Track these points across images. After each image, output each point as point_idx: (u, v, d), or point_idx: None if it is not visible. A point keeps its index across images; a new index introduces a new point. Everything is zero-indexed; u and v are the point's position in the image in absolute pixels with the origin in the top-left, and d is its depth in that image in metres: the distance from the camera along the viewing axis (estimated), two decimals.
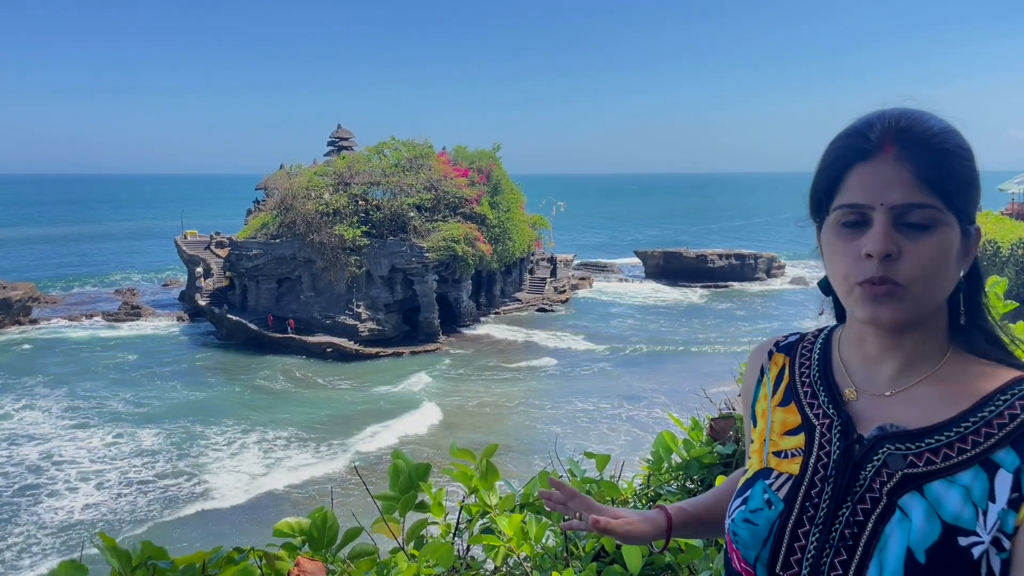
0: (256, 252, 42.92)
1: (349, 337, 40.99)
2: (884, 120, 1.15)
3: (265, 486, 24.22)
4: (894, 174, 1.11)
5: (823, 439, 1.22)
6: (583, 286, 59.06)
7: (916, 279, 1.10)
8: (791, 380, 1.34)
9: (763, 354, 1.42)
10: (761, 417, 1.35)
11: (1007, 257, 27.48)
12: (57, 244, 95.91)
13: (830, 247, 1.18)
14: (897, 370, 1.21)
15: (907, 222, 1.10)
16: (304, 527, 1.92)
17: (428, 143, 47.44)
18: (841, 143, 1.18)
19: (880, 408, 1.20)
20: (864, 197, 1.12)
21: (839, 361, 1.30)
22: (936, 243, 1.10)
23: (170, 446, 27.60)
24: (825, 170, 1.19)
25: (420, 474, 2.01)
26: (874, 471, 1.14)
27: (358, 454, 26.78)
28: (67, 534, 20.97)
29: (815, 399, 1.27)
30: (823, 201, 1.20)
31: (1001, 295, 3.21)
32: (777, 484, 1.23)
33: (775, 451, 1.28)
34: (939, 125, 1.14)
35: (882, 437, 1.16)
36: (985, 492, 1.07)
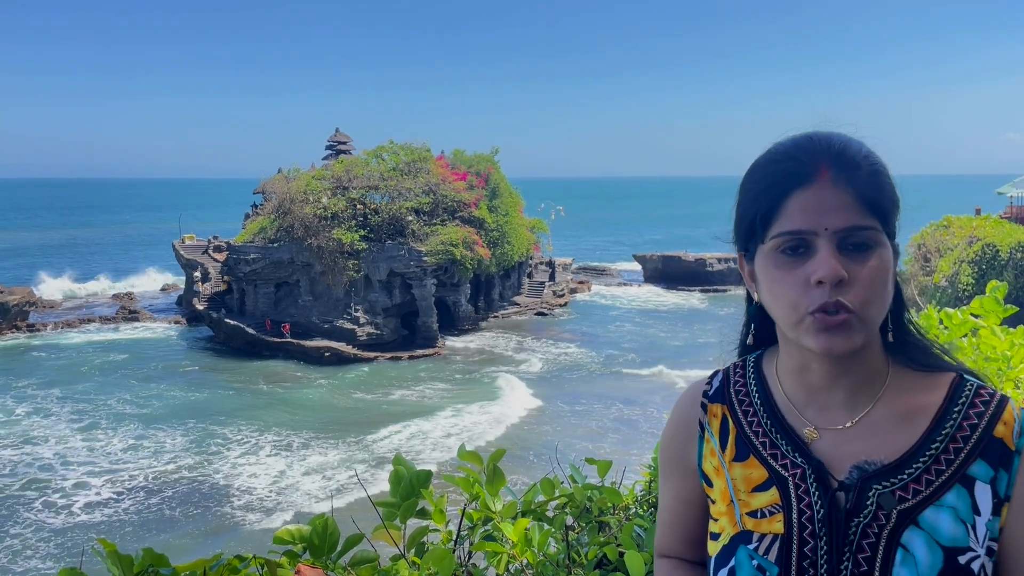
0: (254, 256, 42.90)
1: (347, 341, 40.96)
2: (816, 144, 1.13)
3: (267, 487, 24.19)
4: (835, 198, 1.09)
5: (799, 491, 1.15)
6: (581, 290, 59.08)
7: (865, 302, 1.08)
8: (739, 431, 1.25)
9: (694, 408, 1.33)
10: (716, 476, 1.26)
11: (1006, 261, 27.51)
12: (54, 248, 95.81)
13: (769, 276, 1.14)
14: (848, 397, 1.18)
15: (849, 246, 1.09)
16: (305, 534, 1.92)
17: (426, 147, 47.47)
18: (771, 168, 1.15)
19: (845, 443, 1.16)
20: (806, 223, 1.09)
21: (783, 397, 1.24)
22: (878, 264, 1.10)
23: (173, 449, 27.55)
24: (760, 197, 1.14)
25: (421, 480, 2.00)
26: (870, 516, 1.10)
27: (360, 458, 26.73)
28: (70, 538, 20.90)
29: (776, 448, 1.20)
30: (757, 228, 1.15)
31: (1001, 300, 3.21)
32: (763, 547, 1.16)
33: (748, 511, 1.19)
34: (864, 148, 1.14)
35: (866, 478, 1.12)
36: (969, 507, 1.09)
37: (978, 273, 27.21)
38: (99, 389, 34.50)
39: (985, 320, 3.11)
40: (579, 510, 2.16)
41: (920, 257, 31.46)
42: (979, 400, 1.14)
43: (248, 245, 43.63)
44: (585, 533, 2.12)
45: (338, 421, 30.62)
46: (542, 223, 54.59)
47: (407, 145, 47.01)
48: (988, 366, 2.89)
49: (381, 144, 47.37)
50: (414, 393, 34.65)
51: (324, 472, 25.53)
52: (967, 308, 3.20)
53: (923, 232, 32.34)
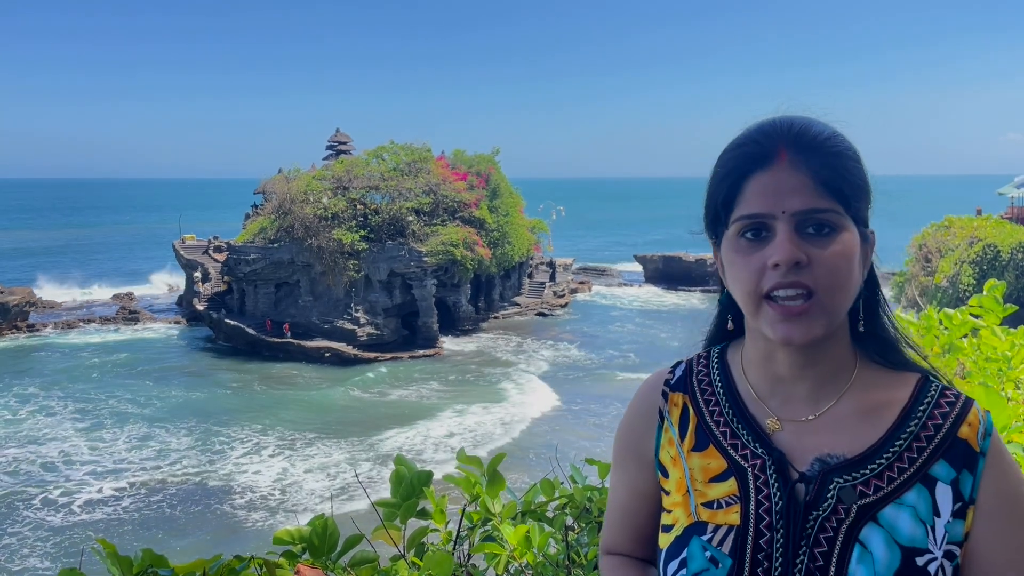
0: (254, 256, 42.90)
1: (348, 342, 40.96)
2: (776, 127, 1.12)
3: (269, 487, 24.19)
4: (793, 180, 1.08)
5: (758, 482, 1.13)
6: (582, 290, 59.08)
7: (826, 287, 1.06)
8: (700, 420, 1.23)
9: (655, 396, 1.30)
10: (672, 466, 1.23)
11: (1007, 261, 27.50)
12: (54, 249, 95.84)
13: (730, 262, 1.13)
14: (813, 389, 1.16)
15: (809, 229, 1.07)
16: (304, 534, 1.92)
17: (427, 147, 47.47)
18: (734, 153, 1.14)
19: (808, 436, 1.15)
20: (764, 206, 1.08)
21: (748, 388, 1.22)
22: (840, 248, 1.07)
23: (174, 449, 27.56)
24: (721, 182, 1.14)
25: (422, 481, 2.00)
26: (829, 509, 1.08)
27: (361, 458, 26.73)
28: (68, 536, 20.90)
29: (736, 438, 1.18)
30: (720, 214, 1.15)
31: (1000, 298, 3.21)
32: (717, 539, 1.13)
33: (704, 502, 1.17)
34: (828, 129, 1.13)
35: (827, 471, 1.10)
36: (929, 508, 1.08)
37: (979, 274, 27.20)
38: (100, 389, 34.51)
39: (985, 319, 3.11)
40: (579, 511, 2.16)
41: (921, 257, 31.45)
42: (944, 400, 1.13)
43: (248, 245, 43.63)
44: (585, 534, 2.12)
45: (339, 421, 30.62)
46: (543, 223, 54.58)
47: (407, 145, 47.01)
48: (988, 366, 2.89)
49: (381, 144, 47.38)
50: (414, 393, 34.65)
51: (325, 472, 25.53)
52: (967, 308, 3.20)
53: (924, 232, 32.34)
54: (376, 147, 47.33)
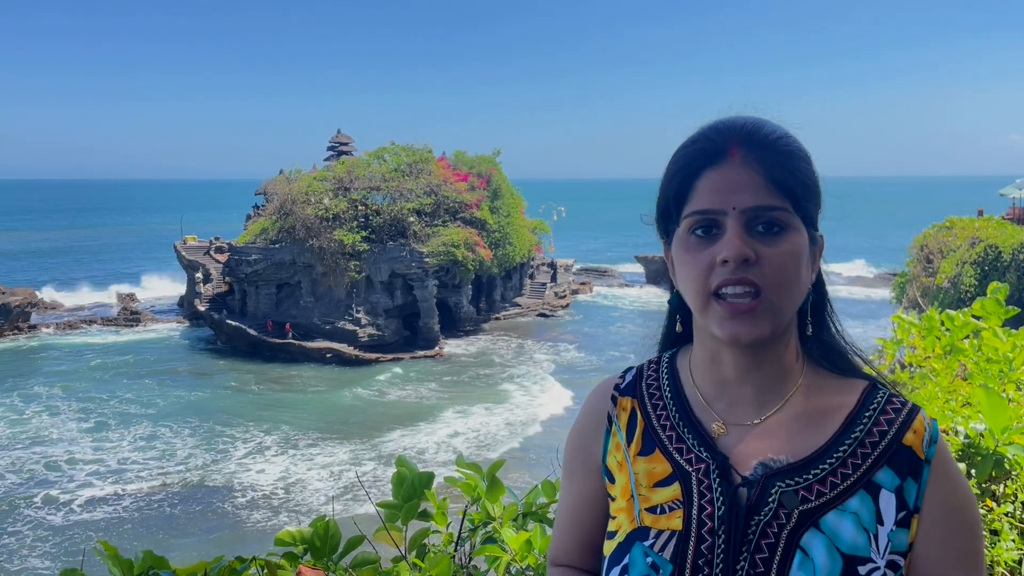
0: (256, 257, 42.92)
1: (349, 342, 40.97)
2: (728, 125, 1.12)
3: (271, 487, 24.19)
4: (744, 177, 1.08)
5: (702, 486, 1.12)
6: (584, 291, 59.08)
7: (773, 286, 1.06)
8: (647, 424, 1.22)
9: (604, 401, 1.29)
10: (619, 471, 1.22)
11: (1008, 262, 27.46)
12: (56, 249, 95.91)
13: (680, 259, 1.13)
14: (759, 393, 1.15)
15: (759, 227, 1.07)
16: (306, 536, 1.92)
17: (428, 148, 47.48)
18: (687, 149, 1.14)
19: (752, 440, 1.13)
20: (715, 202, 1.08)
21: (695, 392, 1.21)
22: (789, 247, 1.07)
23: (177, 449, 27.60)
24: (673, 177, 1.14)
25: (424, 482, 2.00)
26: (771, 514, 1.07)
27: (362, 459, 26.73)
28: (68, 536, 20.91)
29: (682, 442, 1.17)
30: (672, 210, 1.15)
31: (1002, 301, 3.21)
32: (659, 544, 1.11)
33: (648, 507, 1.15)
34: (780, 130, 1.13)
35: (769, 475, 1.09)
36: (873, 515, 1.06)
37: (981, 275, 27.16)
38: (102, 390, 34.52)
39: (987, 322, 3.10)
40: None
41: (923, 258, 31.42)
42: (890, 407, 1.12)
43: (249, 246, 43.66)
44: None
45: (341, 422, 30.63)
46: (544, 224, 54.57)
47: (408, 146, 47.03)
48: (990, 368, 2.88)
49: (383, 145, 47.41)
50: (416, 394, 34.65)
51: (328, 472, 25.54)
52: (969, 310, 3.19)
53: (925, 233, 32.31)
54: (377, 148, 47.39)
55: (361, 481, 24.11)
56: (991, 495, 2.17)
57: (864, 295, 57.22)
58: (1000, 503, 2.12)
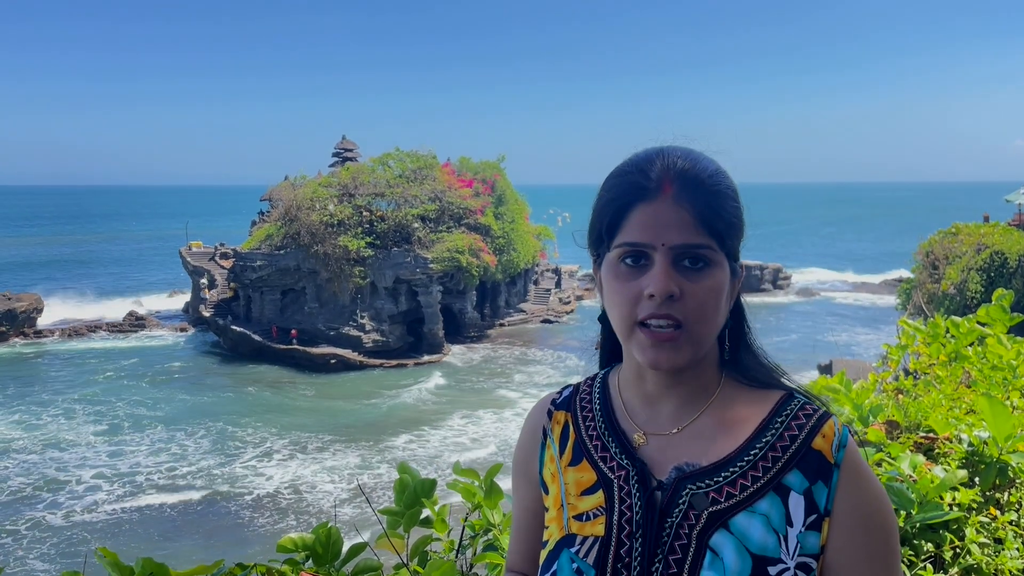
0: (260, 263, 43.01)
1: (353, 348, 41.00)
2: (663, 160, 1.16)
3: (276, 492, 24.19)
4: (674, 215, 1.12)
5: (622, 492, 1.17)
6: (588, 297, 59.01)
7: (695, 320, 1.11)
8: (577, 436, 1.28)
9: (541, 415, 1.36)
10: (552, 482, 1.28)
11: (1014, 268, 27.35)
12: (62, 255, 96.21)
13: (608, 285, 1.18)
14: (678, 407, 1.21)
15: (685, 262, 1.12)
16: (308, 542, 1.92)
17: (432, 154, 47.57)
18: (622, 180, 1.18)
19: (670, 448, 1.19)
20: (645, 237, 1.12)
21: (621, 405, 1.27)
22: (711, 283, 1.13)
23: (182, 453, 27.62)
24: (607, 206, 1.18)
25: (425, 489, 2.00)
26: (681, 515, 1.12)
27: (366, 466, 26.72)
28: (70, 537, 20.94)
29: (607, 451, 1.23)
30: (604, 237, 1.19)
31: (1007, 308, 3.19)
32: (584, 550, 1.16)
33: (575, 515, 1.21)
34: (712, 167, 1.17)
35: (681, 478, 1.15)
36: (782, 517, 1.10)
37: (986, 281, 27.06)
38: (107, 395, 34.59)
39: (992, 328, 3.09)
40: None
41: (928, 264, 31.31)
42: (802, 413, 1.17)
43: (254, 252, 43.75)
44: None
45: (345, 428, 30.63)
46: (548, 230, 54.57)
47: (413, 152, 47.13)
48: (994, 375, 2.87)
49: (387, 151, 47.50)
50: (420, 400, 34.64)
51: (334, 477, 25.54)
52: (974, 316, 3.19)
53: (931, 239, 32.20)
54: (382, 154, 47.49)
55: (363, 489, 24.09)
56: (995, 503, 2.15)
57: (870, 301, 57.09)
58: (1004, 511, 2.11)
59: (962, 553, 1.99)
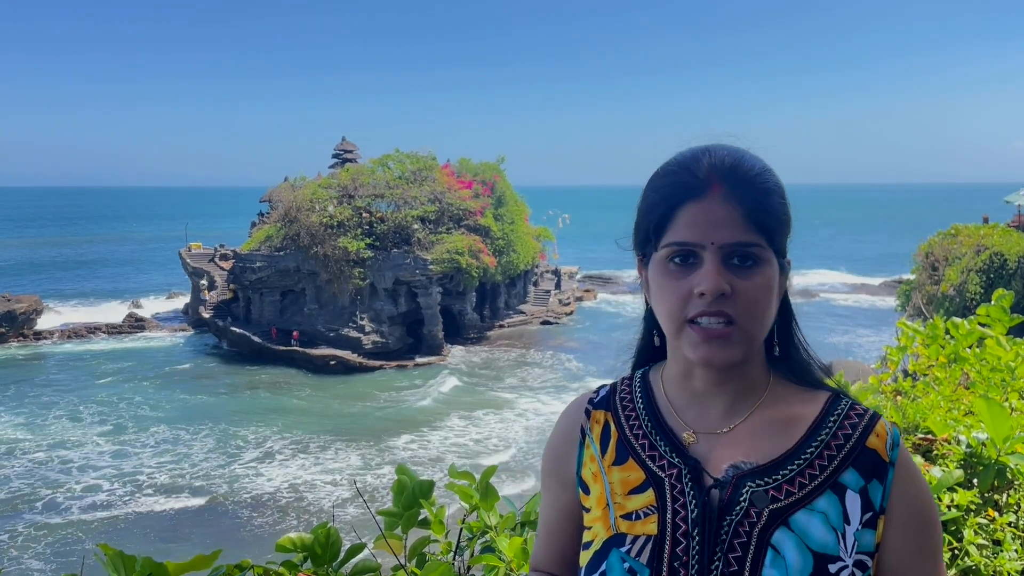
0: (260, 264, 43.02)
1: (353, 350, 41.00)
2: (710, 158, 1.16)
3: (275, 493, 24.18)
4: (723, 213, 1.12)
5: (675, 491, 1.16)
6: (587, 298, 59.03)
7: (746, 316, 1.12)
8: (621, 435, 1.27)
9: (578, 415, 1.34)
10: (593, 482, 1.26)
11: (1014, 269, 27.35)
12: (61, 257, 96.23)
13: (657, 284, 1.18)
14: (728, 405, 1.21)
15: (735, 260, 1.12)
16: (306, 543, 1.92)
17: (432, 155, 47.59)
18: (669, 179, 1.17)
19: (722, 447, 1.18)
20: (694, 236, 1.12)
21: (667, 403, 1.26)
22: (761, 280, 1.13)
23: (182, 454, 27.65)
24: (655, 206, 1.18)
25: (423, 491, 2.00)
26: (742, 513, 1.11)
27: (365, 466, 26.72)
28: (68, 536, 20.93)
29: (655, 450, 1.22)
30: (651, 236, 1.18)
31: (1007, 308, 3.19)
32: (635, 549, 1.15)
33: (623, 514, 1.19)
34: (759, 164, 1.17)
35: (740, 476, 1.14)
36: (840, 515, 1.11)
37: (986, 282, 27.06)
38: (106, 396, 34.57)
39: (991, 329, 3.09)
40: None
41: (928, 266, 31.33)
42: (853, 413, 1.18)
43: (254, 253, 43.75)
44: None
45: (345, 429, 30.63)
46: (548, 231, 54.61)
47: (413, 154, 47.15)
48: (993, 377, 2.87)
49: (387, 153, 47.55)
50: (420, 401, 34.63)
51: (332, 479, 25.53)
52: (974, 318, 3.18)
53: (930, 241, 32.22)
54: (382, 155, 47.53)
55: (361, 491, 24.09)
56: (993, 505, 2.15)
57: (869, 303, 57.12)
58: (1003, 513, 2.11)
59: (960, 554, 1.99)
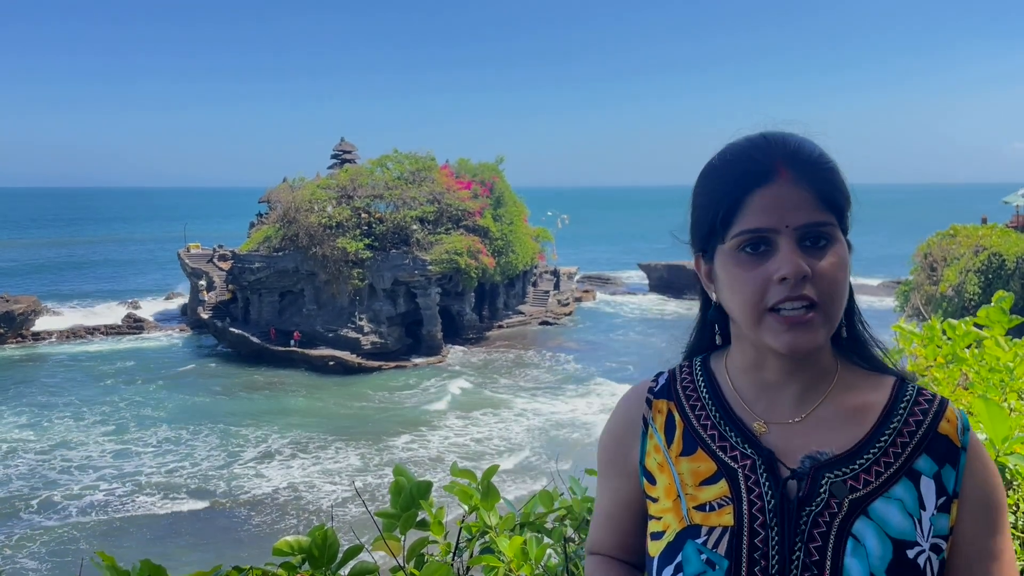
0: (259, 265, 42.99)
1: (352, 350, 40.98)
2: (772, 144, 1.16)
3: (274, 494, 24.17)
4: (795, 196, 1.12)
5: (749, 482, 1.16)
6: (586, 299, 59.04)
7: (828, 298, 1.11)
8: (687, 425, 1.25)
9: (639, 404, 1.32)
10: (660, 472, 1.25)
11: (1012, 270, 27.37)
12: (59, 257, 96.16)
13: (730, 276, 1.16)
14: (798, 394, 1.20)
15: (807, 242, 1.12)
16: (304, 545, 1.91)
17: (431, 156, 47.59)
18: (731, 169, 1.17)
19: (794, 436, 1.18)
20: (768, 221, 1.12)
21: (733, 393, 1.25)
22: (836, 259, 1.13)
23: (181, 455, 27.62)
24: (720, 198, 1.16)
25: (421, 491, 2.00)
26: (822, 504, 1.12)
27: (364, 467, 26.70)
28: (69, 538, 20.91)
29: (725, 440, 1.21)
30: (717, 228, 1.17)
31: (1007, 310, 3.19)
32: (712, 540, 1.14)
33: (696, 505, 1.18)
34: (817, 147, 1.18)
35: (818, 467, 1.14)
36: (915, 501, 1.13)
37: (984, 283, 27.08)
38: (104, 397, 34.55)
39: (990, 331, 3.09)
40: (578, 522, 2.16)
41: (926, 266, 31.34)
42: (922, 399, 1.20)
43: (253, 254, 43.72)
44: (584, 546, 2.11)
45: (344, 429, 30.61)
46: (547, 232, 54.61)
47: (412, 154, 47.14)
48: (991, 377, 2.87)
49: (386, 153, 47.53)
50: (419, 402, 34.61)
51: (331, 480, 25.52)
52: (971, 319, 3.18)
53: (929, 241, 32.23)
54: (380, 156, 47.51)
55: (360, 492, 24.07)
56: None
57: (868, 304, 57.03)
58: None
59: None
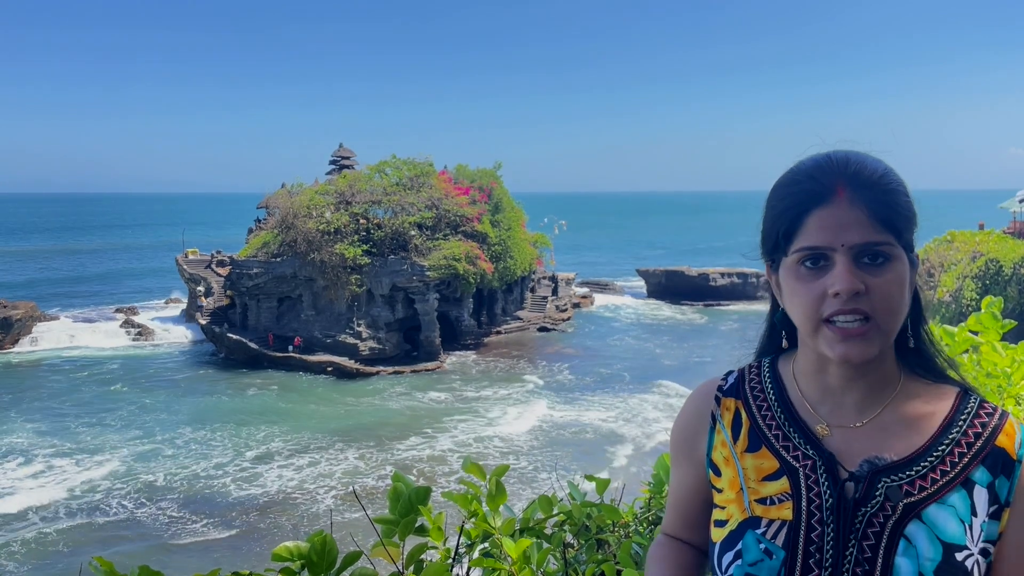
0: (257, 271, 42.96)
1: (350, 356, 40.93)
2: (833, 165, 1.22)
3: (272, 498, 24.11)
4: (851, 216, 1.17)
5: (809, 480, 1.24)
6: (585, 304, 59.04)
7: (883, 312, 1.17)
8: (753, 424, 1.34)
9: (708, 401, 1.41)
10: (725, 466, 1.34)
11: (1009, 276, 27.44)
12: (58, 263, 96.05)
13: (790, 288, 1.24)
14: (861, 399, 1.26)
15: (865, 259, 1.18)
16: (303, 551, 1.91)
17: (429, 161, 47.62)
18: (794, 188, 1.23)
19: (855, 441, 1.25)
20: (824, 239, 1.18)
21: (799, 396, 1.32)
22: (893, 276, 1.18)
23: (180, 459, 27.55)
24: (782, 215, 1.23)
25: (420, 497, 2.00)
26: (877, 507, 1.18)
27: (362, 473, 26.64)
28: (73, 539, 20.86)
29: (788, 441, 1.29)
30: (781, 243, 1.24)
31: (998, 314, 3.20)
32: (771, 532, 1.23)
33: (757, 499, 1.27)
34: (881, 167, 1.22)
35: (875, 471, 1.20)
36: (968, 508, 1.18)
37: (982, 288, 27.14)
38: (101, 402, 34.47)
39: (985, 336, 3.10)
40: (578, 527, 2.16)
41: (924, 272, 31.42)
42: (983, 412, 1.25)
43: (251, 260, 43.70)
44: (584, 551, 2.12)
45: (341, 435, 30.54)
46: (545, 238, 54.60)
47: (410, 160, 47.17)
48: (989, 382, 2.88)
49: (384, 159, 47.55)
50: (416, 408, 34.55)
51: (330, 485, 25.47)
52: (966, 325, 3.19)
53: (927, 247, 32.32)
54: (379, 162, 47.53)
55: (358, 495, 24.02)
56: None
57: None
58: None
59: None
